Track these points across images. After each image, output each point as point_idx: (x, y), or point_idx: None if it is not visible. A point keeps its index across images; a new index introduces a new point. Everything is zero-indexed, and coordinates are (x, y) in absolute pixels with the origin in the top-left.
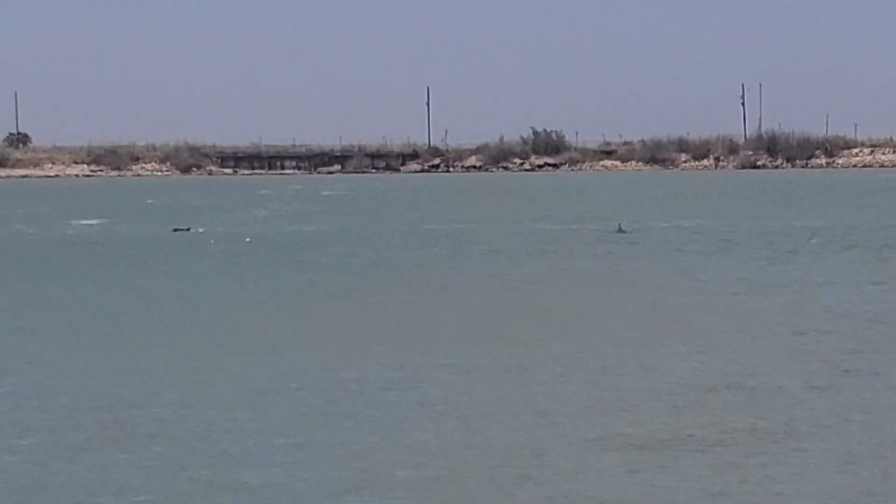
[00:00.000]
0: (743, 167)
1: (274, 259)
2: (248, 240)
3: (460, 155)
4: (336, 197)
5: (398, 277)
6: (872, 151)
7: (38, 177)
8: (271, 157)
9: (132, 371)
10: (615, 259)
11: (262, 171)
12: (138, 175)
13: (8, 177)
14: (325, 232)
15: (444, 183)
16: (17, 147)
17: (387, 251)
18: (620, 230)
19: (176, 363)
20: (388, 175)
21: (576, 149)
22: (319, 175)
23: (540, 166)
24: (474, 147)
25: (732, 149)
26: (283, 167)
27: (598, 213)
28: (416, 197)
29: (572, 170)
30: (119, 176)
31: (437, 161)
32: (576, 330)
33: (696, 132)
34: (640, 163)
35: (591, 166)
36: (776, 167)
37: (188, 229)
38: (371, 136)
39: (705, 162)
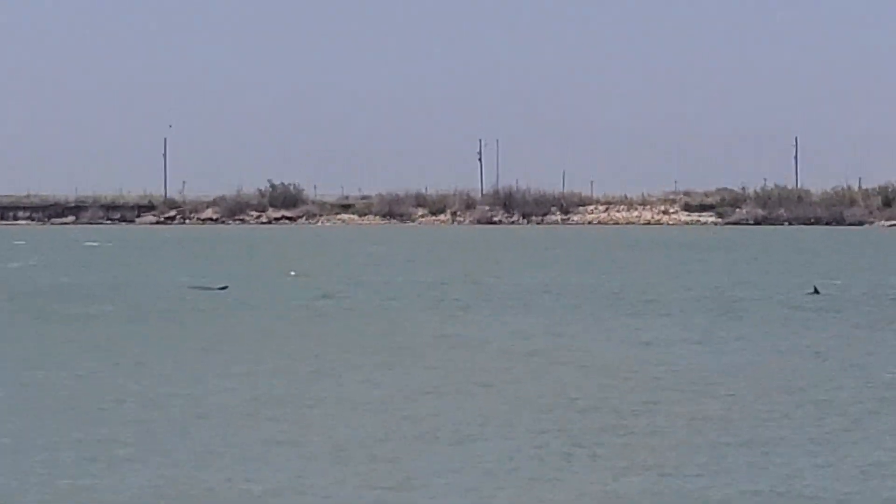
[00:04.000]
0: (479, 222)
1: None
2: None
3: (196, 207)
4: (96, 248)
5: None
6: (607, 209)
7: None
8: (4, 208)
9: None
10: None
11: None
12: None
13: None
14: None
15: (183, 235)
16: None
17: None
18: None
19: None
20: (123, 226)
21: (313, 202)
22: (53, 226)
23: (277, 219)
24: (211, 199)
25: (469, 204)
26: (15, 218)
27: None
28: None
29: (309, 223)
30: None
31: (172, 213)
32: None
33: (434, 187)
34: (377, 217)
35: (328, 220)
36: (512, 223)
37: None
38: (107, 186)
39: (442, 217)
